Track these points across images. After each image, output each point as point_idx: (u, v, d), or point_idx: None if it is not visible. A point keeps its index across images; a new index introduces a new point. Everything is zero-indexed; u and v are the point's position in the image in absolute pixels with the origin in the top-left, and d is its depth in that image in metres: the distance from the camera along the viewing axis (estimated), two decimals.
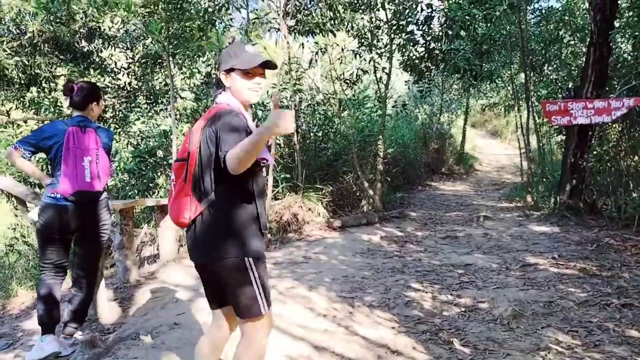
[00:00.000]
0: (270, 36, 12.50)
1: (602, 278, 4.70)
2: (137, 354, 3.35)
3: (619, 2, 7.84)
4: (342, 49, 9.76)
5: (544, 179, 10.18)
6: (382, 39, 9.52)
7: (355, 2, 8.96)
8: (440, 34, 8.65)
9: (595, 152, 8.47)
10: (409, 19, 8.73)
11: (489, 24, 9.20)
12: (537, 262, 5.39)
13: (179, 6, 6.19)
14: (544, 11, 10.65)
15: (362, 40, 9.30)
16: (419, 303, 4.25)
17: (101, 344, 3.42)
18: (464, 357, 3.16)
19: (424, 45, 9.08)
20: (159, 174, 8.83)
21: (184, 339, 3.56)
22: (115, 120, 9.61)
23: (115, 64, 9.66)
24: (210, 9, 6.79)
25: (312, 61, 9.54)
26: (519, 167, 13.15)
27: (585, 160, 7.84)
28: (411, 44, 9.02)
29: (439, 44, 8.89)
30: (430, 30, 8.97)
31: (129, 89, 9.55)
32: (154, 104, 9.99)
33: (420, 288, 4.68)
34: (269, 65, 2.23)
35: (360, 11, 9.23)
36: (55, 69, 8.21)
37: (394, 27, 8.79)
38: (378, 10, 8.95)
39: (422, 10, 8.72)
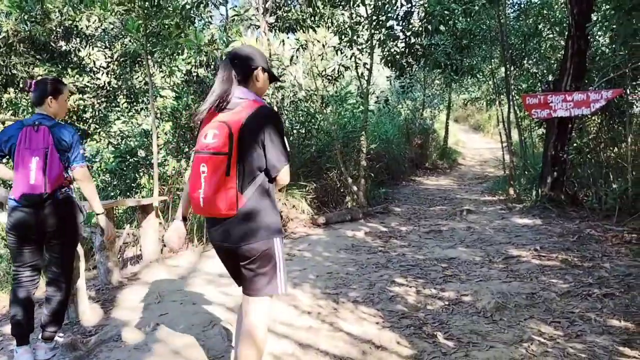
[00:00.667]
0: (252, 33, 12.44)
1: (584, 269, 4.75)
2: (119, 355, 3.31)
3: None
4: (323, 46, 9.74)
5: (526, 172, 10.27)
6: (362, 35, 9.52)
7: None
8: (420, 29, 8.67)
9: (575, 145, 8.57)
10: (389, 14, 8.72)
11: (468, 19, 9.25)
12: (520, 255, 5.44)
13: (156, 3, 6.10)
14: (522, 5, 10.76)
15: (343, 36, 9.28)
16: (403, 298, 4.26)
17: (82, 347, 3.37)
18: (448, 350, 3.17)
19: (404, 40, 9.09)
20: (141, 174, 8.73)
21: (167, 340, 3.52)
22: (95, 120, 9.48)
23: (94, 63, 9.53)
24: (188, 6, 6.71)
25: (293, 58, 9.51)
26: (501, 160, 13.25)
27: (565, 153, 7.92)
28: (391, 39, 9.02)
29: (419, 39, 8.90)
30: (410, 26, 8.98)
31: (108, 88, 9.43)
32: (135, 103, 9.87)
33: (404, 283, 4.69)
34: (278, 80, 2.65)
35: (340, 7, 9.21)
36: (33, 69, 8.05)
37: (374, 23, 8.78)
38: (358, 6, 8.93)
39: (401, 5, 8.72)
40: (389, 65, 9.39)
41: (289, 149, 2.29)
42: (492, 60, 12.21)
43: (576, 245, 5.70)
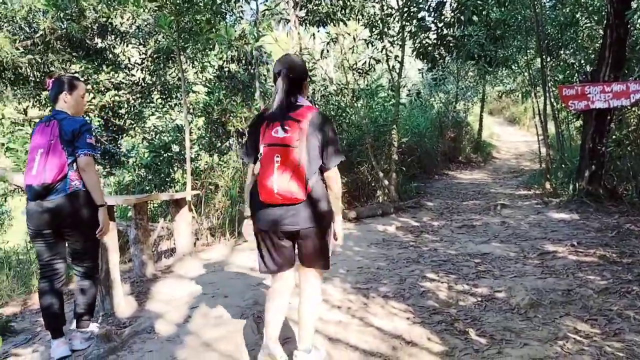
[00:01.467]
0: (283, 27, 12.44)
1: (623, 265, 4.61)
2: (152, 347, 3.37)
3: None
4: (354, 39, 9.68)
5: (563, 166, 10.01)
6: (393, 27, 9.41)
7: None
8: (453, 19, 8.52)
9: (614, 137, 8.29)
10: (421, 6, 8.61)
11: (502, 9, 9.05)
12: (556, 250, 5.31)
13: None
14: None
15: (374, 29, 9.20)
16: (435, 293, 4.21)
17: (116, 338, 3.44)
18: (480, 347, 3.11)
19: (436, 31, 8.95)
20: (175, 168, 8.88)
21: (199, 332, 3.56)
22: (130, 115, 9.69)
23: (129, 60, 9.72)
24: (219, 1, 6.75)
25: (323, 51, 9.48)
26: (537, 153, 12.96)
27: (604, 145, 7.68)
28: (423, 30, 8.90)
29: (452, 30, 8.75)
30: (442, 17, 8.84)
31: (143, 84, 9.62)
32: (168, 99, 10.04)
33: (435, 278, 4.63)
34: None
35: None
36: (69, 66, 8.27)
37: (405, 15, 8.68)
38: None
39: None
40: (421, 57, 9.28)
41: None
42: (528, 51, 11.91)
43: (615, 240, 5.53)
